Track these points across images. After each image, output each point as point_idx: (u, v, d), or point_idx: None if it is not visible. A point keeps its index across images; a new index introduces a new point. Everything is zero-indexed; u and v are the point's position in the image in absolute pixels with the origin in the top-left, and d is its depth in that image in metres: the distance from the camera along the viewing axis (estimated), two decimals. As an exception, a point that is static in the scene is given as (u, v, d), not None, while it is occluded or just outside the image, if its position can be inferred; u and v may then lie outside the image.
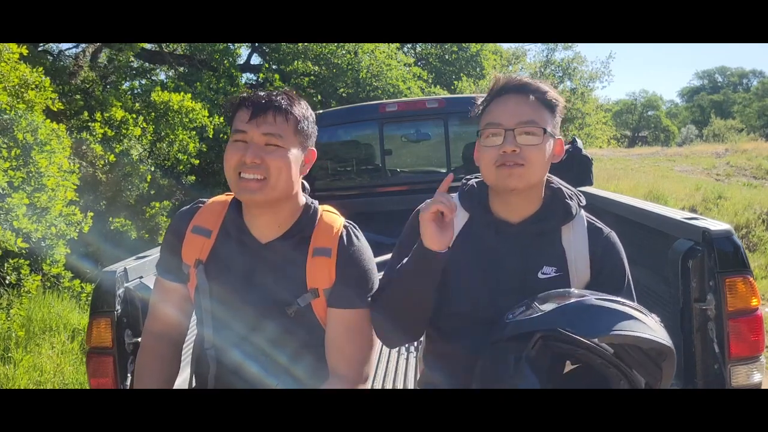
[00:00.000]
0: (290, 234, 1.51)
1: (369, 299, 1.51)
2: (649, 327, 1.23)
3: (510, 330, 1.29)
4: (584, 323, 1.22)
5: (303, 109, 1.49)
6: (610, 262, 1.48)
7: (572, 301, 1.28)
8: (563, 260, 1.47)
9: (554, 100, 1.43)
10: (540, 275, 1.45)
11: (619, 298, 1.28)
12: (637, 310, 1.26)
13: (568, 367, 1.28)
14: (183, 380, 1.81)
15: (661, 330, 1.25)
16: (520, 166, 1.38)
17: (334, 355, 1.50)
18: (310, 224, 1.52)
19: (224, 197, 1.60)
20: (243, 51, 10.35)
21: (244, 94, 1.48)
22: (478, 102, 1.49)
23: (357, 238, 1.54)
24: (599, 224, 1.52)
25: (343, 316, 1.49)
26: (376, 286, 1.53)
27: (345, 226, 1.54)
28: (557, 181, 1.53)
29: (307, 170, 1.54)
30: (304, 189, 1.57)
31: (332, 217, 1.56)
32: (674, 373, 1.27)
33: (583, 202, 1.52)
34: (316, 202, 1.57)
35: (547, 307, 1.28)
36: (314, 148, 1.54)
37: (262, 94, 1.46)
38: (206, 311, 1.52)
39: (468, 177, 1.58)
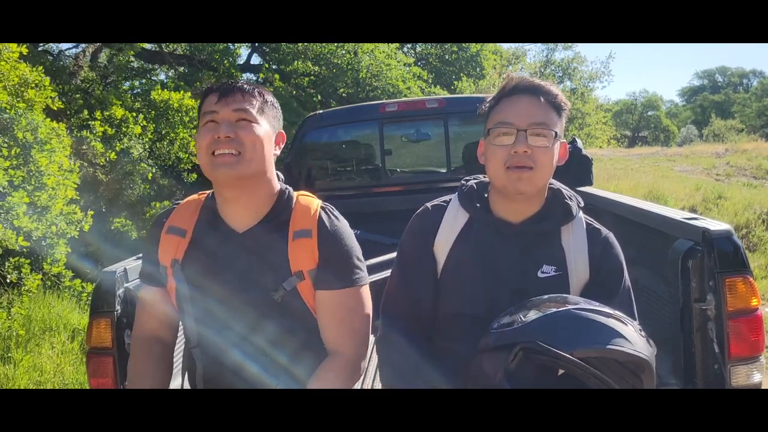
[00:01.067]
0: (267, 220, 1.51)
1: (355, 277, 1.50)
2: (627, 339, 1.22)
3: (493, 341, 1.30)
4: (562, 335, 1.22)
5: (267, 93, 1.53)
6: (609, 262, 1.49)
7: (552, 311, 1.28)
8: (563, 260, 1.47)
9: (563, 104, 1.45)
10: (540, 274, 1.46)
11: (600, 308, 1.28)
12: (617, 319, 1.26)
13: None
14: (176, 384, 1.80)
15: (639, 341, 1.24)
16: (529, 170, 1.39)
17: (331, 336, 1.50)
18: (287, 208, 1.53)
19: (196, 197, 1.61)
20: (243, 51, 10.38)
21: (211, 85, 1.53)
22: (487, 100, 1.49)
23: (335, 217, 1.54)
24: (598, 225, 1.53)
25: (333, 297, 1.49)
26: (360, 263, 1.53)
27: (322, 207, 1.55)
28: (556, 182, 1.54)
29: (278, 152, 1.55)
30: (278, 179, 1.58)
31: (308, 199, 1.57)
32: (655, 382, 1.27)
33: (582, 203, 1.53)
34: (290, 188, 1.58)
35: (530, 316, 1.28)
36: (283, 132, 1.57)
37: (226, 81, 1.51)
38: (187, 312, 1.50)
39: (467, 178, 1.59)
